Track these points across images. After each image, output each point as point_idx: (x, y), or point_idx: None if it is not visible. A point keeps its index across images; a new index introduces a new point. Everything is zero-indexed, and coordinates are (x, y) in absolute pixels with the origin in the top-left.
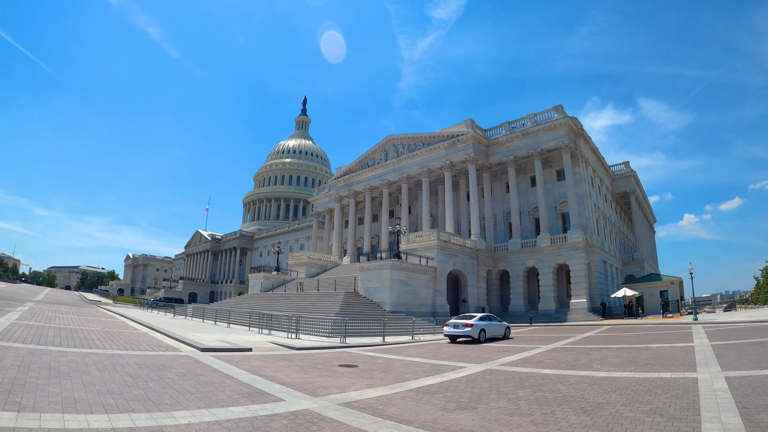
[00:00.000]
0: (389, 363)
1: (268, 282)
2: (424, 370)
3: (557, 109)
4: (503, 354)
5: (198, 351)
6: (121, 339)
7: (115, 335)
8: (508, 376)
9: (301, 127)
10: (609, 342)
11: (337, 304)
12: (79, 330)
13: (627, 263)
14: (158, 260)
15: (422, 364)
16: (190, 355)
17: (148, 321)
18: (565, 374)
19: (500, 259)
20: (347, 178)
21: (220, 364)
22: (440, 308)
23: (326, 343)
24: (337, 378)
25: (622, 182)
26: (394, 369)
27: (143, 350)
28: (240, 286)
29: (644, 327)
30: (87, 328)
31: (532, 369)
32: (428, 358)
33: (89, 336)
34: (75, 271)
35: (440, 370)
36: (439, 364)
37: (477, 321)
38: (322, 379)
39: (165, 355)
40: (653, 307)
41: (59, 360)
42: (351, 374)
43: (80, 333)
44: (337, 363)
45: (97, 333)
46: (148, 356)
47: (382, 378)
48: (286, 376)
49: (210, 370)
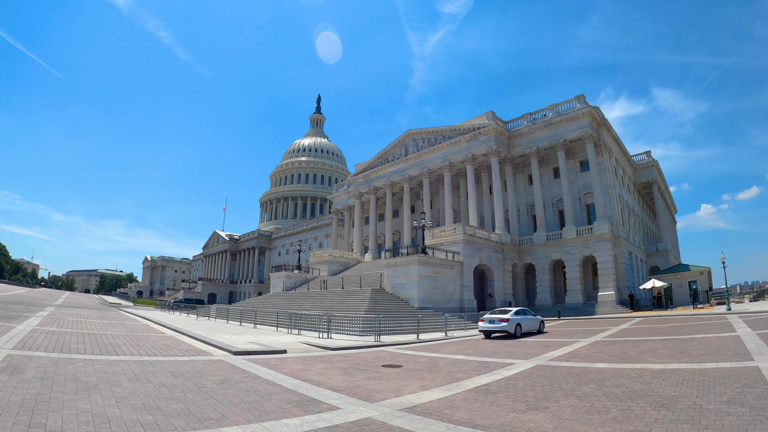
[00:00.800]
0: (433, 362)
1: (291, 281)
2: (472, 368)
3: (579, 99)
4: (546, 349)
5: (231, 354)
6: (147, 344)
7: (141, 340)
8: (563, 372)
9: (316, 125)
10: (649, 334)
11: (364, 302)
12: (102, 335)
13: (651, 254)
14: (176, 262)
15: (468, 362)
16: (223, 359)
17: (171, 323)
18: (622, 368)
19: (525, 252)
20: (366, 174)
21: (258, 369)
22: (467, 303)
23: (360, 342)
24: (386, 380)
25: (644, 172)
26: (441, 368)
27: (173, 355)
28: (259, 286)
29: (678, 318)
30: (111, 332)
31: (584, 363)
32: (470, 355)
33: (114, 341)
34: (93, 275)
35: (489, 367)
36: (485, 361)
37: (513, 315)
38: (371, 382)
39: (197, 360)
40: (682, 298)
41: (86, 370)
42: (399, 375)
43: (104, 338)
44: (380, 363)
45: (122, 338)
46: (179, 362)
47: (433, 378)
48: (332, 380)
49: (249, 375)
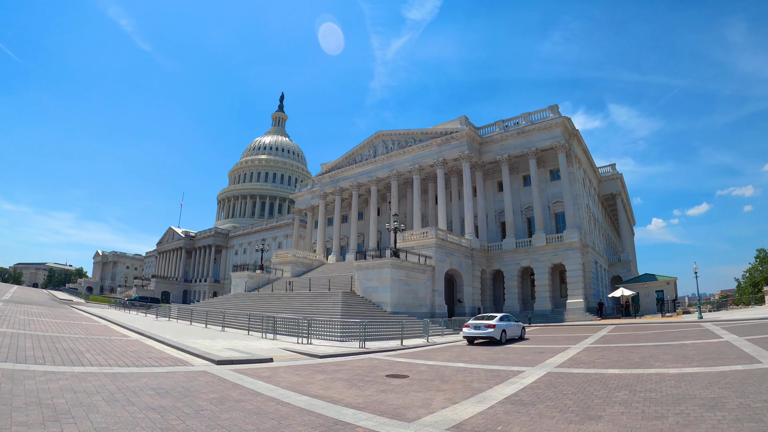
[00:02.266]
0: (437, 371)
1: (253, 281)
2: (484, 377)
3: (552, 109)
4: (541, 356)
5: (213, 364)
6: (114, 350)
7: (105, 345)
8: (581, 379)
9: (278, 124)
10: (635, 340)
11: (336, 305)
12: (60, 338)
13: (613, 264)
14: (128, 258)
15: (474, 370)
16: (207, 370)
17: (132, 324)
18: (638, 373)
19: (494, 258)
20: (332, 175)
21: (253, 383)
22: (439, 309)
23: (345, 349)
24: (404, 393)
25: (609, 184)
26: (451, 378)
27: (148, 366)
28: (215, 285)
29: (653, 326)
30: (69, 335)
31: (596, 370)
32: (469, 363)
33: (76, 347)
34: (42, 268)
35: (500, 375)
36: (492, 369)
37: (498, 322)
38: (389, 396)
39: (177, 372)
40: (649, 307)
41: (50, 388)
42: (412, 387)
43: (64, 342)
44: (383, 373)
45: (83, 342)
46: (158, 375)
47: (453, 390)
48: (343, 395)
49: (247, 392)
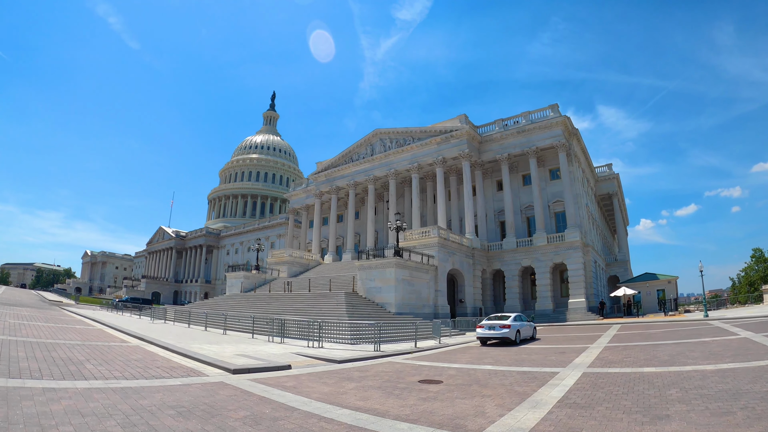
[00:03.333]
0: (469, 374)
1: (249, 282)
2: (522, 380)
3: (552, 108)
4: (564, 355)
5: (229, 374)
6: (116, 359)
7: (106, 352)
8: (622, 379)
9: (269, 123)
10: (652, 339)
11: (340, 307)
12: (56, 345)
13: (610, 264)
14: (117, 258)
15: (508, 373)
16: (225, 381)
17: (128, 328)
18: (676, 371)
19: (494, 258)
20: (329, 173)
21: (281, 395)
22: (441, 309)
23: (360, 353)
24: (450, 401)
25: (606, 183)
26: (488, 382)
27: (158, 377)
28: (206, 286)
29: (661, 325)
30: (64, 341)
31: (631, 369)
32: (496, 365)
33: (74, 355)
34: (30, 269)
35: (538, 378)
36: (525, 371)
37: (513, 321)
38: (435, 405)
39: (193, 384)
40: (650, 306)
41: (52, 411)
42: (454, 393)
43: (60, 350)
44: (413, 379)
45: (80, 349)
46: (173, 389)
47: (499, 395)
48: (385, 406)
49: (279, 407)
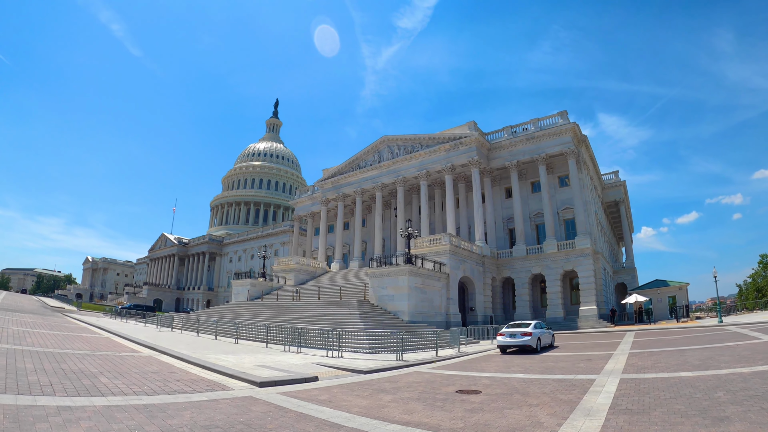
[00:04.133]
0: (505, 383)
1: (255, 289)
2: (562, 388)
3: (562, 115)
4: (594, 362)
5: (256, 387)
6: (131, 371)
7: (119, 364)
8: (664, 384)
9: (272, 130)
10: (673, 345)
11: (353, 315)
12: (65, 356)
13: (617, 271)
14: (119, 264)
15: (545, 381)
16: (254, 395)
17: (137, 336)
18: (714, 374)
19: (504, 265)
20: (335, 180)
21: (319, 410)
22: (453, 317)
23: (383, 362)
24: (499, 411)
25: (612, 191)
26: (528, 391)
27: (181, 392)
28: (208, 293)
29: (677, 331)
30: (73, 350)
31: (668, 374)
32: (528, 373)
33: (86, 367)
34: (30, 274)
35: (576, 385)
36: (560, 378)
37: (534, 329)
38: (486, 416)
39: (221, 399)
40: (661, 313)
41: None
42: (499, 403)
43: (70, 361)
44: (449, 389)
45: (91, 360)
46: (201, 406)
47: (545, 403)
48: (433, 419)
49: (323, 424)
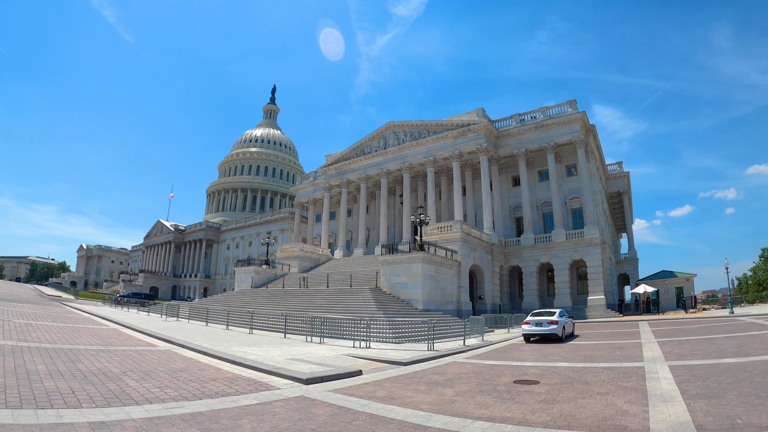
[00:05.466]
0: (557, 372)
1: (260, 277)
2: (618, 376)
3: (571, 104)
4: (628, 350)
5: (302, 384)
6: (157, 369)
7: (139, 361)
8: (714, 369)
9: (269, 117)
10: (696, 334)
11: (368, 303)
12: (78, 353)
13: (620, 262)
14: (114, 252)
15: (594, 370)
16: (305, 395)
17: (145, 327)
18: (759, 360)
19: (512, 254)
20: (339, 166)
21: (389, 409)
22: (464, 305)
23: (416, 352)
24: (574, 402)
25: (616, 182)
26: (586, 379)
27: (223, 393)
28: (206, 281)
29: (690, 321)
30: (84, 346)
31: (712, 360)
32: (571, 361)
33: (105, 366)
34: (24, 262)
35: (629, 372)
36: (609, 366)
37: (559, 317)
38: (567, 407)
39: (274, 402)
40: (668, 304)
41: None
42: (567, 393)
43: (86, 360)
44: (504, 380)
45: (108, 357)
46: (255, 411)
47: (614, 392)
48: (514, 412)
49: (404, 425)
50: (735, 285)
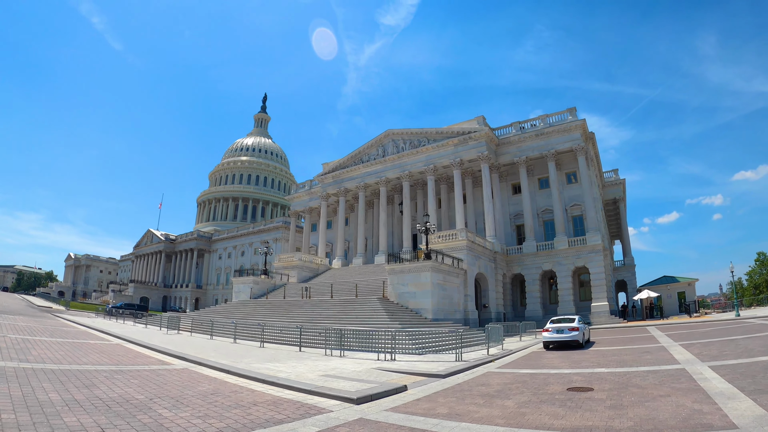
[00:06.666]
0: (601, 377)
1: (258, 287)
2: (664, 378)
3: (571, 111)
4: (658, 354)
5: (353, 405)
6: (186, 394)
7: (161, 384)
8: (757, 367)
9: (260, 125)
10: (712, 336)
11: (379, 314)
12: (89, 375)
13: (617, 268)
14: (102, 261)
15: (640, 374)
16: (365, 417)
17: (152, 342)
18: None
19: (514, 262)
20: (336, 175)
21: (464, 428)
22: (471, 314)
23: (449, 364)
24: (642, 406)
25: (612, 189)
26: (636, 383)
27: (275, 422)
28: (197, 291)
29: (698, 325)
30: (93, 366)
31: (748, 359)
32: (607, 367)
33: (126, 392)
34: (10, 271)
35: (673, 375)
36: (648, 370)
37: (579, 324)
38: (640, 411)
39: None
40: (671, 309)
41: None
42: (629, 398)
43: (102, 384)
44: (556, 388)
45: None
46: None
47: (674, 393)
48: (588, 421)
49: None
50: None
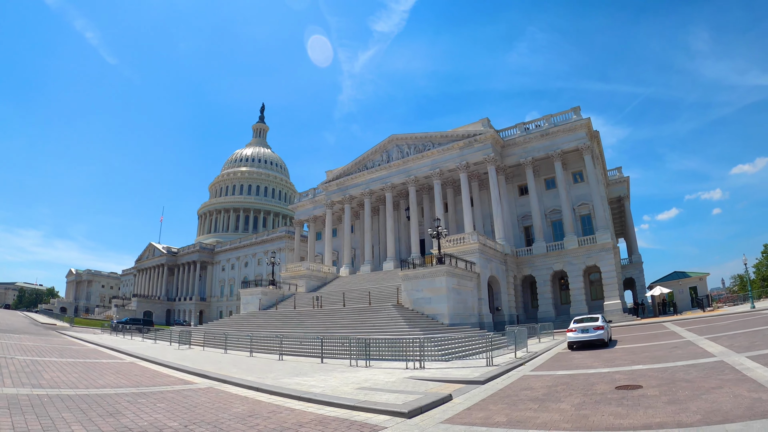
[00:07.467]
0: (646, 375)
1: (267, 298)
2: (708, 372)
3: (575, 111)
4: (688, 348)
5: (405, 419)
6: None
7: (191, 408)
8: None
9: (259, 135)
10: (734, 329)
11: (397, 321)
12: (111, 399)
13: (625, 267)
14: (104, 276)
15: (680, 369)
16: (424, 431)
17: (166, 359)
18: None
19: (524, 264)
20: (341, 182)
21: None
22: (486, 318)
23: (481, 369)
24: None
25: (616, 187)
26: (681, 378)
27: None
28: (201, 304)
29: (715, 318)
30: (113, 389)
31: None
32: (639, 364)
33: (156, 419)
34: (12, 288)
35: (716, 368)
36: (687, 364)
37: (603, 322)
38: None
39: None
40: (683, 304)
41: None
42: (683, 392)
43: (128, 411)
44: (606, 388)
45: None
46: None
47: (726, 385)
48: (661, 418)
49: None
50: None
